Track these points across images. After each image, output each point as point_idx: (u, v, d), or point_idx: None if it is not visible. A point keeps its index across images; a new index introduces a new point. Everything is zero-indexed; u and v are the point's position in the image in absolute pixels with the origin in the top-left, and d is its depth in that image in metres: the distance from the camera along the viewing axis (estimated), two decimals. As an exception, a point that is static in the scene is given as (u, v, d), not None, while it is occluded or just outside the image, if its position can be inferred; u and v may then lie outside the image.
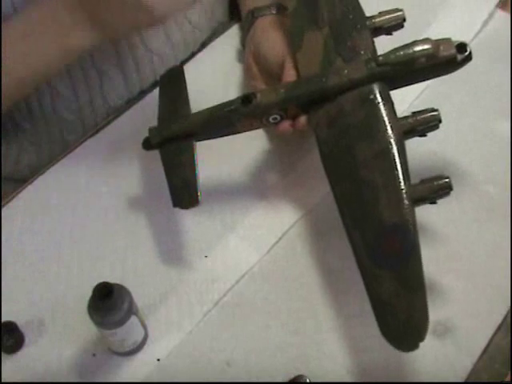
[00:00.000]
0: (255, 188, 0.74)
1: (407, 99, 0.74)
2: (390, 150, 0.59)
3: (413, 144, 0.61)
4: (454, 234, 0.69)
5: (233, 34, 0.89)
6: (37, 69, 0.65)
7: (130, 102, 0.83)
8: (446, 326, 0.63)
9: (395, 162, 0.58)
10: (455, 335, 0.63)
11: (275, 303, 0.66)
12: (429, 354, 0.62)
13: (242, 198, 0.73)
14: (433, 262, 0.67)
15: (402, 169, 0.58)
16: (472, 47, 0.61)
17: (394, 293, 0.56)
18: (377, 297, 0.56)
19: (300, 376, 0.61)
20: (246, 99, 0.66)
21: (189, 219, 0.72)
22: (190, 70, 0.76)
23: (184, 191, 0.65)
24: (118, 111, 0.82)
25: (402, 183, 0.58)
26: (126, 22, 0.61)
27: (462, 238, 0.69)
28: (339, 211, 0.60)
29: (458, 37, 0.62)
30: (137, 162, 0.77)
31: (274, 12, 0.79)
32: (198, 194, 0.64)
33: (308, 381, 0.61)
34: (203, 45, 0.89)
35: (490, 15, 0.87)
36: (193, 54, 0.88)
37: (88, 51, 0.68)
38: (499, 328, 0.64)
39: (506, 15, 0.87)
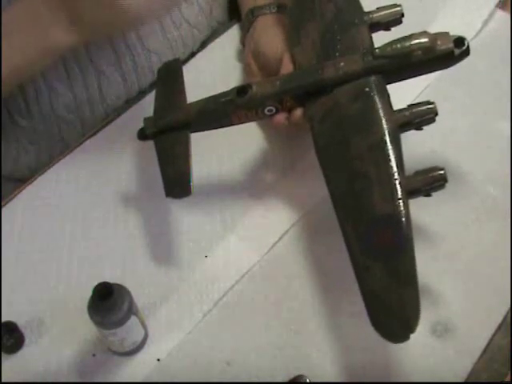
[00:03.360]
0: (255, 188, 0.74)
1: (407, 99, 0.73)
2: (384, 142, 0.59)
3: (413, 144, 0.61)
4: (454, 234, 0.69)
5: (233, 33, 0.89)
6: (17, 66, 0.65)
7: (130, 102, 0.83)
8: (446, 326, 0.63)
9: (390, 154, 0.58)
10: (455, 335, 0.63)
11: (275, 303, 0.66)
12: (429, 354, 0.62)
13: (242, 198, 0.73)
14: (433, 261, 0.67)
15: (397, 160, 0.58)
16: (472, 47, 0.61)
17: (385, 285, 0.55)
18: (368, 289, 0.56)
19: (300, 376, 0.61)
20: (241, 90, 0.66)
21: (189, 219, 0.72)
22: (189, 70, 0.76)
23: (177, 181, 0.65)
24: (118, 111, 0.82)
25: (396, 174, 0.57)
26: (103, 21, 0.61)
27: (461, 238, 0.69)
28: (333, 204, 0.60)
29: (458, 37, 0.61)
30: (136, 162, 0.77)
31: (274, 11, 0.79)
32: (191, 184, 0.64)
33: (308, 381, 0.61)
34: (203, 45, 0.89)
35: (490, 15, 0.87)
36: (192, 54, 0.88)
37: (67, 52, 0.68)
38: (499, 328, 0.63)
39: (506, 15, 0.87)
